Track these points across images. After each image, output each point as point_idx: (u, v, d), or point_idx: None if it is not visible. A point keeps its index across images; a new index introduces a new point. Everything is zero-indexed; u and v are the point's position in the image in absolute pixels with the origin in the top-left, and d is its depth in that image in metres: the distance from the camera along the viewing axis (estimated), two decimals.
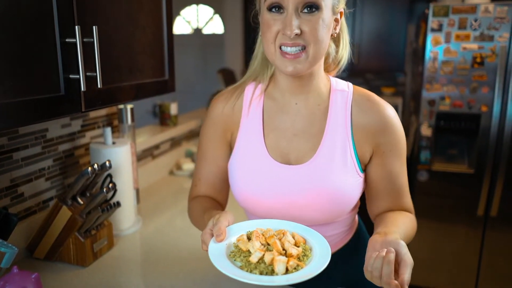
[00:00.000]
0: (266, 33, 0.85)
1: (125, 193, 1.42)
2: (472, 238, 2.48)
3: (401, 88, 3.35)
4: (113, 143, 1.42)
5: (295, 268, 0.73)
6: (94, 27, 0.93)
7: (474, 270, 2.51)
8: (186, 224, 1.51)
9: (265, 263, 0.74)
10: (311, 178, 0.91)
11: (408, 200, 0.99)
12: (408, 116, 3.18)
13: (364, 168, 0.97)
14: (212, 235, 0.80)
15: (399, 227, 0.87)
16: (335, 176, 0.91)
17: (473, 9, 2.23)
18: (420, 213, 2.52)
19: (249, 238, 0.81)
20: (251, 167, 0.96)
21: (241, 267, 0.74)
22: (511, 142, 2.30)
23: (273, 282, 0.70)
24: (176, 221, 1.56)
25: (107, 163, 1.24)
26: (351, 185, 0.92)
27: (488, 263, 2.48)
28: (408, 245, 0.79)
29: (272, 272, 0.72)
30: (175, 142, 2.25)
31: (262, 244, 0.77)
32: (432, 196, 2.52)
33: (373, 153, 0.94)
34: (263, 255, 0.74)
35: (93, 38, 0.94)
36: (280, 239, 0.79)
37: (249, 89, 1.01)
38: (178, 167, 2.16)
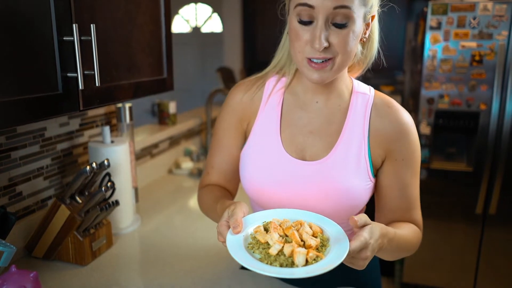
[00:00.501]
0: (294, 42, 0.84)
1: (124, 192, 1.42)
2: (470, 236, 2.48)
3: (400, 87, 3.35)
4: (112, 142, 1.42)
5: (314, 260, 0.72)
6: (92, 25, 0.93)
7: (472, 268, 2.51)
8: (185, 223, 1.51)
9: (284, 255, 0.73)
10: (324, 176, 0.91)
11: (417, 214, 0.97)
12: None
13: (376, 173, 0.96)
14: (229, 227, 0.79)
15: (395, 226, 0.88)
16: (346, 177, 0.90)
17: (472, 7, 2.23)
18: None
19: (266, 230, 0.80)
20: (264, 158, 0.95)
21: (260, 260, 0.74)
22: (510, 140, 2.30)
23: (293, 274, 0.69)
24: (175, 220, 1.56)
25: (106, 162, 1.23)
26: (361, 188, 0.92)
27: (486, 261, 2.48)
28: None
29: (292, 264, 0.72)
30: (174, 141, 2.24)
31: (280, 236, 0.77)
32: (431, 194, 2.52)
33: (385, 158, 0.94)
34: (282, 247, 0.74)
35: (90, 36, 0.93)
36: (297, 230, 0.78)
37: (271, 81, 1.00)
38: (177, 165, 2.16)
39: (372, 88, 0.98)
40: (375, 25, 0.93)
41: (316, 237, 0.78)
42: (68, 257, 1.20)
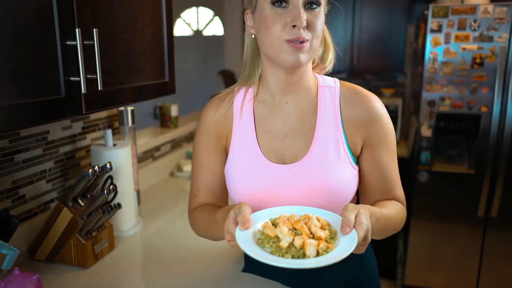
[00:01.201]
0: (271, 28, 0.85)
1: (126, 194, 1.42)
2: (472, 239, 2.48)
3: (401, 89, 3.35)
4: (114, 145, 1.43)
5: (325, 251, 0.73)
6: (94, 29, 0.94)
7: (475, 271, 2.51)
8: (186, 226, 1.52)
9: (295, 247, 0.74)
10: (307, 175, 0.92)
11: (399, 192, 1.00)
12: (408, 117, 3.18)
13: (357, 161, 0.98)
14: (237, 224, 0.79)
15: (380, 205, 0.90)
16: (331, 171, 0.92)
17: (473, 9, 2.24)
18: (420, 214, 2.54)
19: (274, 225, 0.81)
20: (247, 169, 0.97)
21: (271, 253, 0.74)
22: (511, 142, 2.30)
23: (305, 264, 0.70)
24: (177, 223, 1.57)
25: (108, 165, 1.24)
26: (347, 178, 0.94)
27: (488, 264, 2.48)
28: (409, 244, 0.80)
29: (303, 256, 0.73)
30: (175, 144, 2.25)
31: (289, 229, 0.78)
32: (433, 197, 2.52)
33: (363, 145, 0.96)
34: (293, 239, 0.75)
35: (93, 40, 0.94)
36: (306, 224, 0.79)
37: (239, 93, 1.01)
38: (179, 168, 2.17)
39: (337, 80, 1.00)
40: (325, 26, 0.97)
41: (324, 230, 0.79)
42: (71, 259, 1.21)
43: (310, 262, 0.70)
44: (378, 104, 0.96)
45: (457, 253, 2.52)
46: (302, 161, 0.93)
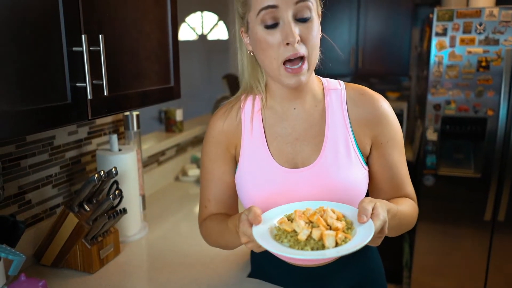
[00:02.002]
0: (267, 50, 0.86)
1: (131, 199, 1.43)
2: (479, 243, 2.46)
3: (406, 93, 3.34)
4: (119, 150, 1.43)
5: (343, 241, 0.74)
6: (100, 35, 0.94)
7: (482, 276, 2.49)
8: (191, 230, 1.51)
9: (314, 240, 0.74)
10: (320, 177, 0.93)
11: (410, 190, 1.01)
12: (413, 121, 3.17)
13: (367, 161, 0.98)
14: (251, 225, 0.79)
15: (394, 202, 0.91)
16: (342, 172, 0.92)
17: (478, 13, 2.23)
18: (426, 218, 2.52)
19: (290, 220, 0.81)
20: (259, 176, 0.96)
21: (290, 247, 0.75)
22: None
23: (324, 255, 0.71)
24: (182, 227, 1.57)
25: (114, 170, 1.24)
26: (358, 179, 0.94)
27: (496, 268, 2.45)
28: (415, 248, 0.80)
29: (322, 247, 0.73)
30: (180, 148, 2.25)
31: (306, 223, 0.78)
32: (439, 201, 2.50)
33: (372, 145, 0.97)
34: (311, 232, 0.75)
35: (99, 46, 0.95)
36: (321, 216, 0.79)
37: (247, 103, 1.01)
38: (184, 173, 2.17)
39: (341, 82, 1.01)
40: None
41: (340, 221, 0.79)
42: (76, 264, 1.21)
43: (330, 252, 0.71)
44: (384, 104, 0.97)
45: (463, 257, 2.50)
46: (314, 164, 0.94)
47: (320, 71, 1.01)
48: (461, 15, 2.26)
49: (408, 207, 0.95)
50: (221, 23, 4.61)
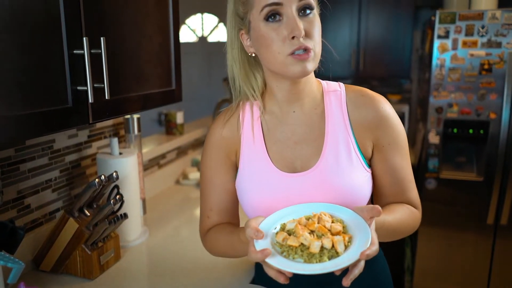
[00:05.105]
0: (271, 46, 0.85)
1: (132, 203, 1.41)
2: (482, 247, 2.44)
3: (407, 95, 3.33)
4: (120, 153, 1.41)
5: (349, 242, 0.76)
6: (102, 38, 0.93)
7: (484, 280, 2.47)
8: (192, 235, 1.49)
9: (326, 249, 0.75)
10: (321, 181, 0.91)
11: (413, 195, 0.98)
12: (415, 123, 3.15)
13: (370, 163, 0.97)
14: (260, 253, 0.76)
15: (386, 210, 0.90)
16: (344, 175, 0.91)
17: (480, 15, 2.22)
18: (428, 221, 2.50)
19: (288, 233, 0.80)
20: (259, 182, 0.95)
21: (305, 262, 0.74)
22: None
23: (347, 261, 0.72)
24: (183, 232, 1.55)
25: (114, 174, 1.23)
26: (360, 181, 0.92)
27: (498, 272, 2.43)
28: (417, 252, 0.79)
29: (337, 254, 0.74)
30: (181, 151, 2.24)
31: (309, 233, 0.78)
32: (441, 204, 2.48)
33: (373, 147, 0.95)
34: (322, 242, 0.75)
35: (100, 49, 0.93)
36: (318, 222, 0.80)
37: (246, 108, 1.00)
38: (185, 176, 2.15)
39: (341, 84, 0.99)
40: None
41: (335, 222, 0.80)
42: (76, 270, 1.19)
43: (344, 260, 0.72)
44: (386, 105, 0.95)
45: (466, 261, 2.48)
46: (314, 168, 0.92)
47: (321, 73, 0.99)
48: (463, 17, 2.25)
49: (402, 214, 0.93)
50: (221, 25, 4.60)
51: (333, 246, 0.75)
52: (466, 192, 2.42)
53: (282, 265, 0.73)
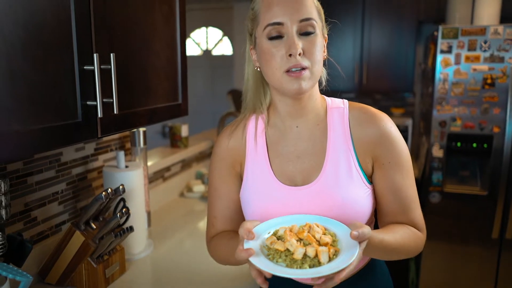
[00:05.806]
0: (271, 61, 0.89)
1: (138, 216, 1.41)
2: (487, 261, 2.42)
3: (411, 109, 3.34)
4: (126, 166, 1.42)
5: (334, 255, 0.78)
6: (111, 54, 0.95)
7: None
8: (197, 248, 1.50)
9: (309, 257, 0.77)
10: (321, 195, 0.93)
11: (416, 215, 0.97)
12: (418, 137, 3.16)
13: (371, 180, 0.97)
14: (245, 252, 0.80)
15: (386, 230, 0.90)
16: (343, 191, 0.92)
17: (483, 31, 2.24)
18: (432, 235, 2.49)
19: (278, 238, 0.83)
20: (262, 194, 0.97)
21: (288, 266, 0.77)
22: None
23: (320, 273, 0.74)
24: (187, 245, 1.55)
25: (121, 188, 1.24)
26: (360, 197, 0.93)
27: (504, 287, 2.41)
28: (421, 267, 0.80)
29: (318, 264, 0.76)
30: (185, 164, 2.25)
31: (297, 240, 0.80)
32: (445, 218, 2.47)
33: (374, 164, 0.96)
34: (305, 250, 0.77)
35: (110, 65, 0.95)
36: (309, 232, 0.82)
37: (251, 122, 1.03)
38: (189, 189, 2.15)
39: (345, 101, 1.01)
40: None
41: (325, 234, 0.83)
42: (82, 283, 1.19)
43: (325, 270, 0.74)
44: (388, 123, 0.96)
45: (471, 276, 2.46)
46: (315, 182, 0.94)
47: (325, 88, 1.02)
48: (465, 32, 2.27)
49: (403, 235, 0.92)
50: (226, 38, 4.64)
51: (316, 255, 0.77)
52: (471, 206, 2.42)
53: (262, 265, 0.76)
